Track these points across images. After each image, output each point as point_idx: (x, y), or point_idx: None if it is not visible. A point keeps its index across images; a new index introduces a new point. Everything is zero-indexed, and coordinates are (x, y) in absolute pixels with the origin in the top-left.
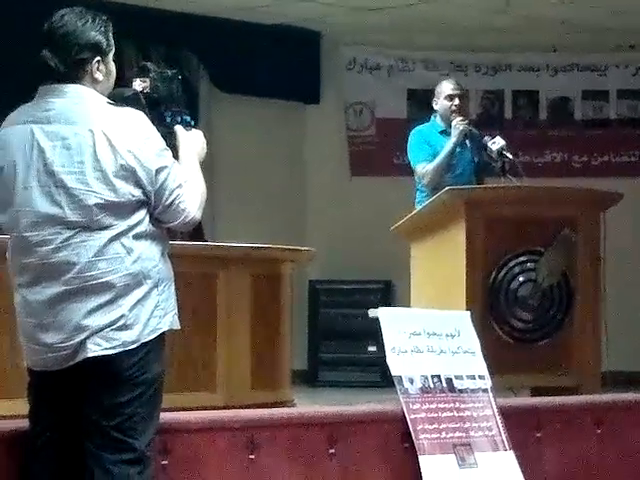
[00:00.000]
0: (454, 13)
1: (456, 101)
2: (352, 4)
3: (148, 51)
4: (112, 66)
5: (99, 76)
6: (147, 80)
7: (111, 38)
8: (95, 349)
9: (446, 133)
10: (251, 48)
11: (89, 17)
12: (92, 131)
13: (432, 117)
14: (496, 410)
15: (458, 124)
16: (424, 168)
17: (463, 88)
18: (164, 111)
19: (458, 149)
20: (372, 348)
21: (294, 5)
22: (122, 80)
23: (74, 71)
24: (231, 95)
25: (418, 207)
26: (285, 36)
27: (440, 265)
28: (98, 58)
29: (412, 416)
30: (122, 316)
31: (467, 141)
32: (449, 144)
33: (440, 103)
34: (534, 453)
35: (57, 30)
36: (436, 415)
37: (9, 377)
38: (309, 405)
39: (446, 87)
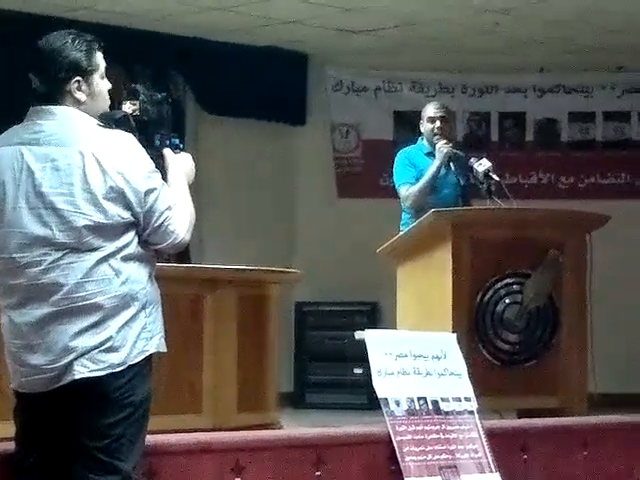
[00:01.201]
0: (441, 34)
1: (437, 123)
2: (339, 26)
3: (134, 72)
4: (100, 87)
5: (81, 96)
6: (137, 103)
7: (96, 58)
8: (82, 371)
9: (432, 155)
10: (238, 70)
11: (70, 38)
12: (81, 153)
13: (419, 139)
14: (482, 432)
15: (442, 147)
16: (407, 190)
17: (448, 110)
18: (153, 134)
19: (443, 171)
20: (358, 370)
21: (281, 27)
22: (110, 102)
23: (54, 91)
24: (218, 116)
25: (403, 228)
26: (271, 58)
27: (426, 287)
28: (78, 78)
29: (398, 438)
30: (110, 338)
31: (451, 163)
32: (432, 167)
33: (424, 125)
34: (520, 475)
35: (40, 52)
36: (422, 437)
37: None
38: (295, 427)
39: (429, 110)
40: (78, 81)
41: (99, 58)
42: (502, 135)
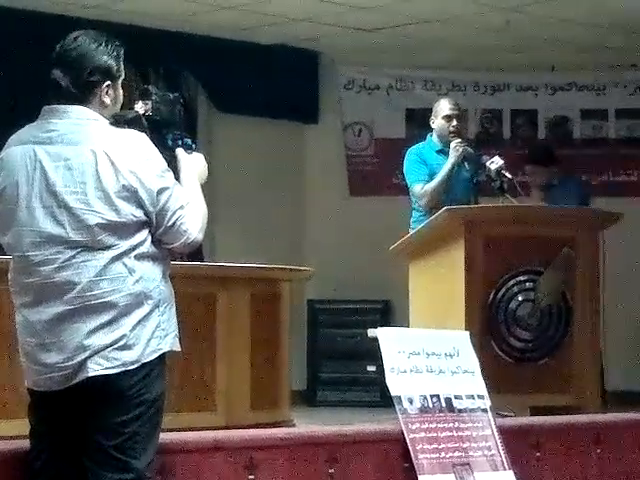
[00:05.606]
0: (453, 33)
1: (454, 122)
2: (350, 24)
3: (146, 71)
4: (120, 92)
5: (107, 100)
6: (149, 103)
7: (122, 64)
8: (96, 369)
9: (443, 152)
10: (250, 68)
11: (102, 41)
12: (94, 152)
13: (429, 136)
14: (495, 430)
15: (457, 146)
16: (422, 189)
17: (461, 108)
18: (165, 134)
19: (456, 169)
20: (371, 368)
21: (292, 25)
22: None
23: (84, 93)
24: (230, 115)
25: (414, 226)
26: (284, 56)
27: (439, 285)
28: (108, 82)
29: (411, 436)
30: (123, 336)
31: (465, 162)
32: (447, 166)
33: (437, 122)
34: (533, 473)
35: (71, 51)
36: (435, 435)
37: (9, 398)
38: (308, 425)
39: (444, 106)
40: (108, 85)
41: (122, 64)
42: (514, 133)
